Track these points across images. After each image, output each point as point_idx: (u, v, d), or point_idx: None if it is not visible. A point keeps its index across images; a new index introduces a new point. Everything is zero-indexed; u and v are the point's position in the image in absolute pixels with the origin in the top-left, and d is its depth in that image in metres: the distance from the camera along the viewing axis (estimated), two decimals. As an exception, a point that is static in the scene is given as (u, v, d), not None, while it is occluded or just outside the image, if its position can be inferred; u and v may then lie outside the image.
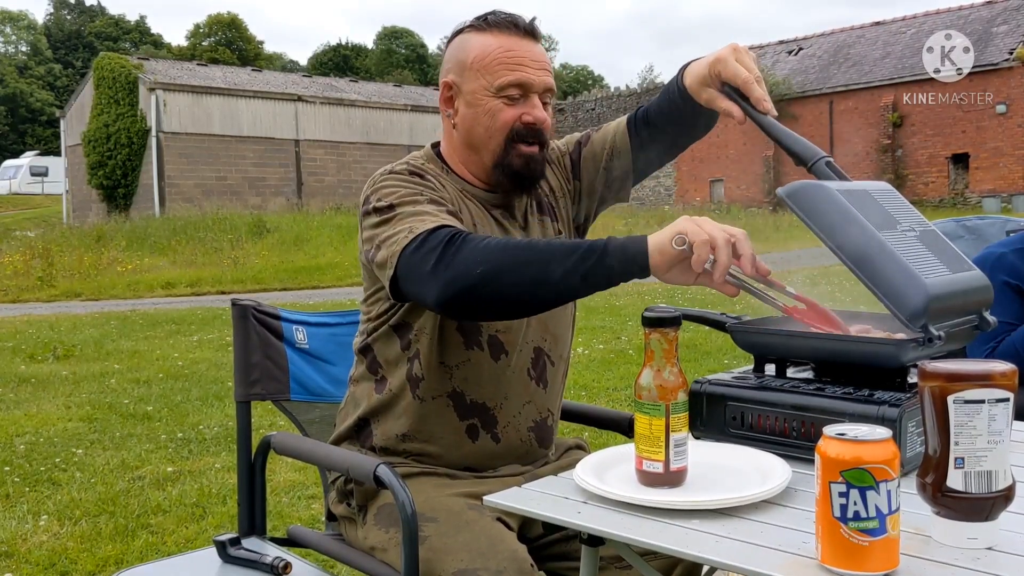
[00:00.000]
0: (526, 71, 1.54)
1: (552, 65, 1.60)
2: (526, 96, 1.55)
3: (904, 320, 1.19)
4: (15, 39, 66.18)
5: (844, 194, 1.29)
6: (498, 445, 1.59)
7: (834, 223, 1.25)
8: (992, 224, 2.95)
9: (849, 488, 0.91)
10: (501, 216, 1.63)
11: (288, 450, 1.69)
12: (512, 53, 1.54)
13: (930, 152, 26.59)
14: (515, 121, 1.54)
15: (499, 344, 1.56)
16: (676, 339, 1.18)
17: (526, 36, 1.57)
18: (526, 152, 1.56)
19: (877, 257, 1.20)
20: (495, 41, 1.55)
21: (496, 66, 1.53)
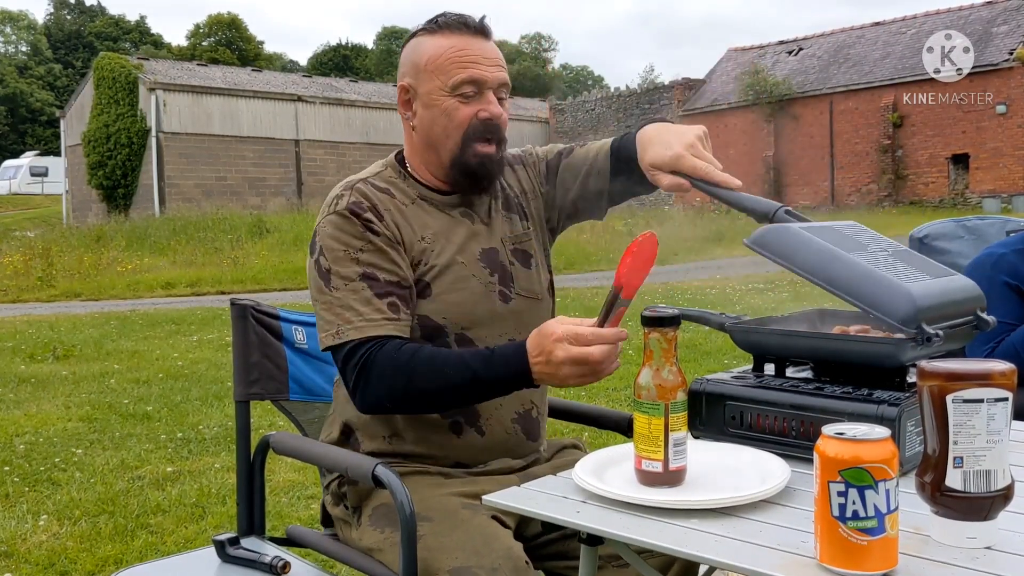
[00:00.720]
0: (479, 68, 1.56)
1: (505, 62, 1.63)
2: (481, 93, 1.57)
3: (898, 326, 1.20)
4: (15, 39, 66.18)
5: (808, 230, 1.33)
6: (484, 438, 1.59)
7: (804, 256, 1.29)
8: (992, 224, 2.95)
9: (848, 487, 0.91)
10: (461, 215, 1.64)
11: (287, 450, 1.69)
12: (464, 52, 1.56)
13: (930, 152, 26.58)
14: (472, 118, 1.57)
15: (468, 340, 1.58)
16: (675, 339, 1.18)
17: (477, 34, 1.59)
18: (482, 152, 1.58)
19: (854, 277, 1.23)
20: (447, 41, 1.57)
21: (449, 65, 1.56)
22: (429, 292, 1.57)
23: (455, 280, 1.58)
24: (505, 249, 1.66)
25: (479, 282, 1.60)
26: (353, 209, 1.55)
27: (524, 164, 1.77)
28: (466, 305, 1.57)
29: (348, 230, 1.54)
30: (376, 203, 1.57)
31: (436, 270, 1.57)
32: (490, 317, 1.60)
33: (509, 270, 1.64)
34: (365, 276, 1.51)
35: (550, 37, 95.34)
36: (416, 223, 1.59)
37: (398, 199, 1.61)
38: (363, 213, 1.54)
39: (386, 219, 1.56)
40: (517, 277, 1.65)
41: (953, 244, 2.96)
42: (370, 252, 1.53)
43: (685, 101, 32.64)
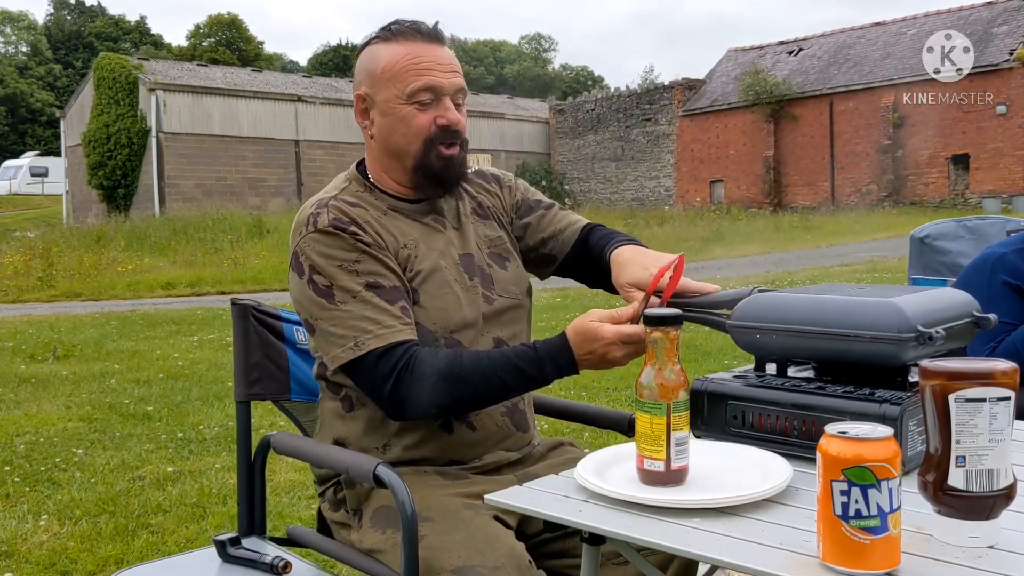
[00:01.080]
0: (435, 75, 1.56)
1: (460, 67, 1.64)
2: (438, 99, 1.58)
3: (896, 338, 1.22)
4: (15, 39, 66.18)
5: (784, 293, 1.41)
6: (476, 433, 1.60)
7: (788, 312, 1.33)
8: (992, 224, 2.95)
9: (850, 486, 0.91)
10: (433, 221, 1.65)
11: (288, 450, 1.68)
12: (419, 59, 1.56)
13: (930, 153, 26.57)
14: (430, 125, 1.57)
15: (456, 343, 1.58)
16: (677, 338, 1.18)
17: (431, 41, 1.59)
18: (445, 154, 1.59)
19: (839, 311, 1.29)
20: (402, 49, 1.57)
21: (405, 73, 1.56)
22: (418, 299, 1.57)
23: (440, 286, 1.59)
24: (481, 253, 1.67)
25: (461, 287, 1.61)
26: (336, 224, 1.54)
27: (501, 186, 1.80)
28: (452, 310, 1.58)
29: (337, 245, 1.53)
30: (355, 217, 1.57)
31: (422, 276, 1.58)
32: (476, 319, 1.60)
33: (488, 272, 1.66)
34: (370, 286, 1.51)
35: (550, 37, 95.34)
36: (396, 232, 1.60)
37: (371, 212, 1.60)
38: (347, 227, 1.54)
39: (368, 230, 1.56)
40: (497, 279, 1.67)
41: (954, 244, 2.96)
42: (367, 262, 1.53)
43: (685, 101, 32.64)
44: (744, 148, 30.64)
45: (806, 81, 29.82)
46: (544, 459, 1.70)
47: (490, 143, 35.33)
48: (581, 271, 1.76)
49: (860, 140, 27.97)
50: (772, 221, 23.75)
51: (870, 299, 1.29)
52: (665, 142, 33.01)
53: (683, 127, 32.43)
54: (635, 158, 33.89)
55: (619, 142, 34.34)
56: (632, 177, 34.02)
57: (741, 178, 30.80)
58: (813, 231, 21.45)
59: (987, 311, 1.42)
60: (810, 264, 14.75)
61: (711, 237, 20.83)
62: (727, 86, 31.96)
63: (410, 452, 1.59)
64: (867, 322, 1.25)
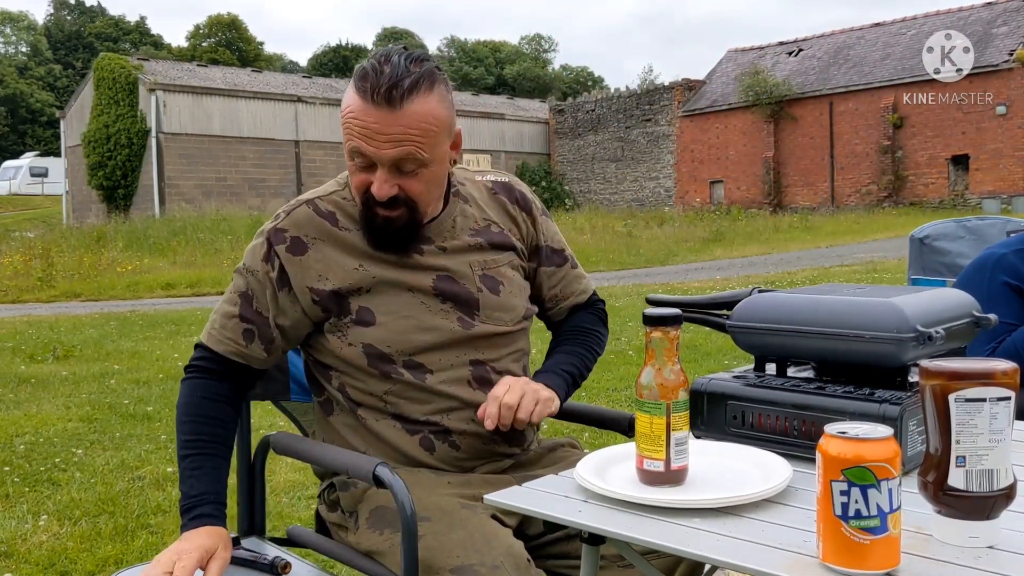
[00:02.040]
0: (366, 142, 1.45)
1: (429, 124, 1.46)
2: (372, 166, 1.48)
3: (895, 338, 1.22)
4: (15, 40, 66.21)
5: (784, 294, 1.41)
6: (460, 451, 1.58)
7: (787, 312, 1.34)
8: (993, 225, 2.95)
9: (850, 486, 0.91)
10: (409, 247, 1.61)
11: (287, 450, 1.68)
12: (358, 121, 1.45)
13: (930, 153, 26.58)
14: (367, 188, 1.50)
15: (418, 366, 1.56)
16: (677, 338, 1.18)
17: (381, 104, 1.43)
18: (383, 215, 1.51)
19: (839, 312, 1.29)
20: (351, 101, 1.47)
21: (345, 129, 1.49)
22: (372, 319, 1.55)
23: (400, 307, 1.55)
24: (472, 274, 1.61)
25: (428, 309, 1.56)
26: (271, 237, 1.58)
27: (528, 214, 1.73)
28: (410, 332, 1.54)
29: (257, 252, 1.59)
30: (305, 234, 1.57)
31: (376, 297, 1.55)
32: (445, 343, 1.56)
33: (474, 297, 1.59)
34: (244, 295, 1.59)
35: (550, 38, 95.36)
36: (355, 250, 1.56)
37: (341, 223, 1.58)
38: (277, 243, 1.57)
39: (309, 252, 1.56)
40: (484, 304, 1.60)
41: (954, 244, 2.96)
42: (259, 280, 1.58)
43: (685, 102, 32.64)
44: (744, 149, 30.64)
45: (806, 82, 29.83)
46: (544, 459, 1.69)
47: (490, 143, 35.34)
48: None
49: (860, 140, 27.97)
50: (772, 222, 23.75)
51: (870, 299, 1.29)
52: (665, 143, 33.02)
53: (683, 127, 32.44)
54: (635, 159, 33.89)
55: (619, 143, 34.35)
56: (632, 178, 34.03)
57: (741, 178, 30.81)
58: (813, 232, 21.46)
59: (987, 311, 1.43)
60: (810, 265, 14.75)
61: (711, 238, 20.83)
62: (727, 87, 31.96)
63: (393, 462, 1.58)
64: (867, 322, 1.25)
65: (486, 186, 1.73)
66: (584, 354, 1.75)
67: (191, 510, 1.50)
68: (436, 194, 1.58)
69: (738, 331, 1.40)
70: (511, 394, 1.50)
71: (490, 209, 1.69)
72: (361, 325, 1.55)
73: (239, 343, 1.58)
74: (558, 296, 1.77)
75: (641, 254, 18.19)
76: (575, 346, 1.76)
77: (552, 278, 1.75)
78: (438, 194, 1.59)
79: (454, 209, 1.64)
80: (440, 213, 1.62)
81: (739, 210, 27.69)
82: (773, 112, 29.57)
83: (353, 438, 1.62)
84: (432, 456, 1.57)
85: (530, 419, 1.51)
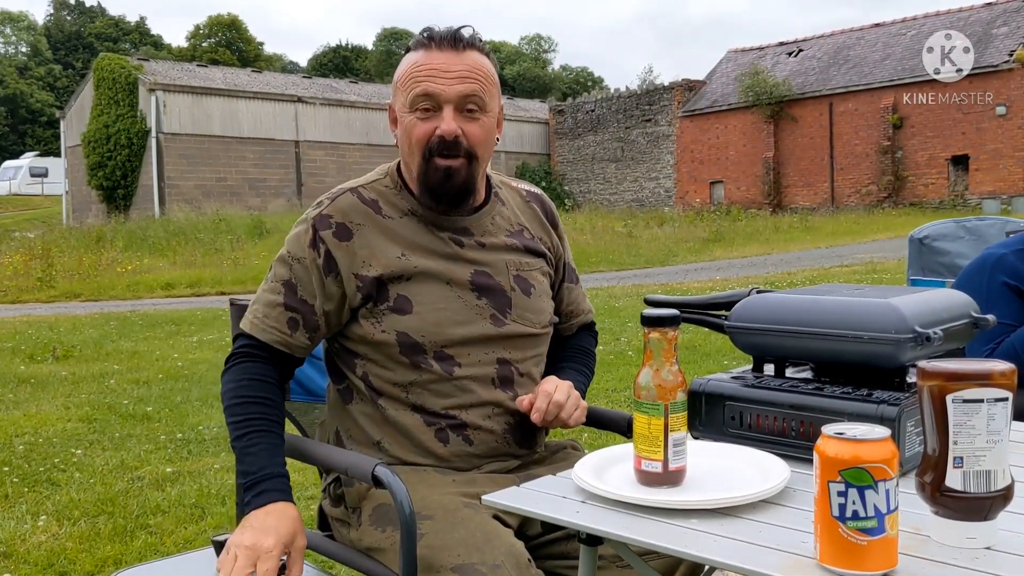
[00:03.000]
0: (433, 82, 1.53)
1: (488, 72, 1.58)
2: (439, 107, 1.54)
3: (893, 339, 1.22)
4: (15, 40, 66.21)
5: (783, 294, 1.42)
6: (472, 446, 1.60)
7: (786, 312, 1.34)
8: (992, 225, 2.95)
9: (848, 487, 0.91)
10: (450, 237, 1.62)
11: (287, 450, 1.68)
12: (424, 66, 1.54)
13: (930, 154, 26.58)
14: (429, 136, 1.55)
15: (449, 358, 1.58)
16: (675, 339, 1.18)
17: (443, 47, 1.55)
18: (443, 164, 1.55)
19: (837, 312, 1.29)
20: (414, 57, 1.57)
21: (408, 81, 1.56)
22: (409, 308, 1.56)
23: (437, 299, 1.57)
24: (507, 273, 1.64)
25: (464, 304, 1.59)
26: (317, 223, 1.59)
27: (556, 227, 1.80)
28: (446, 325, 1.57)
29: (302, 239, 1.60)
30: (351, 220, 1.59)
31: (415, 286, 1.57)
32: (477, 339, 1.59)
33: (508, 295, 1.63)
34: (287, 284, 1.58)
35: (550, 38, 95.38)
36: (398, 238, 1.60)
37: (384, 211, 1.61)
38: (322, 230, 1.58)
39: (354, 239, 1.58)
40: (516, 304, 1.63)
41: (953, 245, 2.96)
42: (305, 267, 1.58)
43: (685, 102, 32.64)
44: (744, 149, 30.63)
45: (806, 82, 29.82)
46: (546, 461, 1.70)
47: (490, 144, 35.29)
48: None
49: (860, 141, 27.97)
50: (772, 222, 23.75)
51: (868, 300, 1.29)
52: (665, 143, 33.01)
53: (683, 128, 32.44)
54: (635, 159, 33.89)
55: (619, 143, 34.34)
56: (632, 178, 34.03)
57: (741, 179, 30.80)
58: (813, 232, 21.46)
59: (986, 312, 1.43)
60: (810, 265, 14.75)
61: (711, 238, 20.83)
62: (727, 87, 31.96)
63: (405, 455, 1.60)
64: (865, 323, 1.25)
65: (520, 193, 1.78)
66: (589, 377, 1.82)
67: (255, 486, 1.44)
68: (488, 153, 1.62)
69: (736, 332, 1.40)
70: (560, 393, 1.57)
71: (524, 215, 1.75)
72: (397, 313, 1.57)
73: (284, 332, 1.58)
74: (572, 313, 1.84)
75: (641, 254, 18.19)
76: (583, 367, 1.82)
77: (571, 294, 1.82)
78: (489, 155, 1.64)
79: (493, 208, 1.69)
80: (481, 208, 1.67)
81: (739, 210, 27.68)
82: (773, 112, 29.57)
83: (369, 427, 1.62)
84: (445, 448, 1.58)
85: (568, 422, 1.57)
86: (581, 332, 1.87)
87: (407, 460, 1.60)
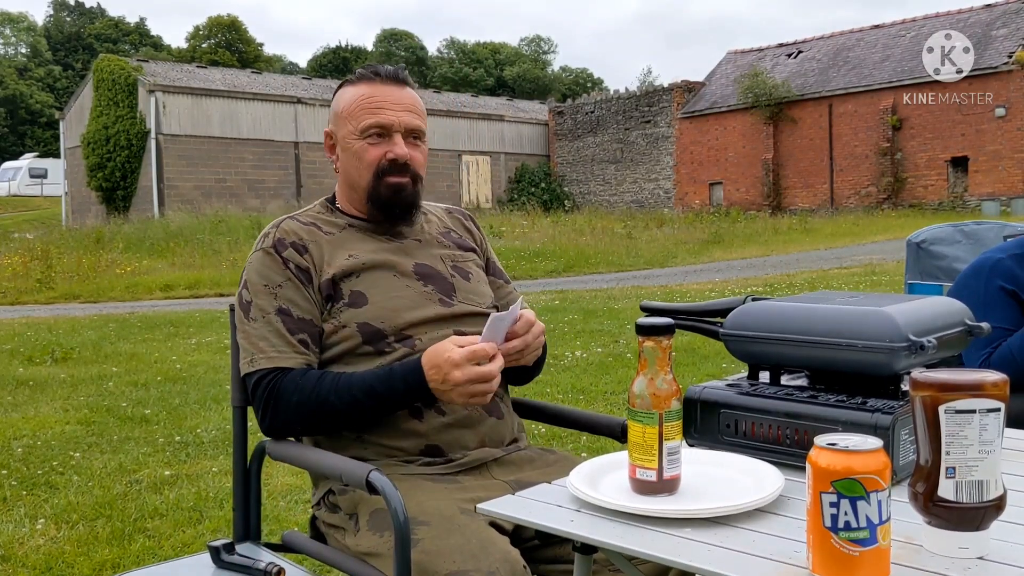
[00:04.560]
0: (384, 114, 1.71)
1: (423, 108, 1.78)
2: (389, 136, 1.72)
3: (887, 347, 1.22)
4: (15, 41, 66.23)
5: (777, 302, 1.42)
6: (446, 416, 1.65)
7: (781, 320, 1.35)
8: (989, 229, 2.95)
9: (840, 498, 0.91)
10: (387, 240, 1.77)
11: (283, 456, 1.69)
12: (373, 99, 1.72)
13: (929, 155, 26.59)
14: (380, 159, 1.72)
15: (409, 338, 1.67)
16: (670, 347, 1.18)
17: (388, 82, 1.74)
18: (393, 181, 1.73)
19: (831, 320, 1.30)
20: (360, 90, 1.74)
21: (359, 112, 1.72)
22: (364, 300, 1.67)
23: (388, 288, 1.69)
24: (445, 265, 1.79)
25: (413, 291, 1.71)
26: (276, 246, 1.70)
27: (478, 228, 1.97)
28: (401, 310, 1.68)
29: (270, 266, 1.69)
30: (300, 237, 1.71)
31: (366, 279, 1.69)
32: (432, 319, 1.70)
33: (450, 281, 1.77)
34: (281, 311, 1.66)
35: (549, 39, 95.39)
36: (345, 244, 1.73)
37: (325, 229, 1.75)
38: (283, 250, 1.69)
39: (310, 250, 1.70)
40: (459, 288, 1.77)
41: (950, 249, 2.97)
42: (288, 288, 1.67)
43: (684, 103, 32.65)
44: (743, 150, 30.64)
45: (805, 83, 29.84)
46: (537, 464, 1.71)
47: (490, 145, 35.34)
48: None
49: (859, 142, 27.98)
50: (771, 223, 23.77)
51: (862, 308, 1.29)
52: (664, 144, 33.02)
53: (682, 129, 32.45)
54: (634, 160, 33.90)
55: (618, 144, 34.36)
56: (631, 179, 34.04)
57: (740, 180, 30.81)
58: (812, 233, 21.47)
59: (983, 316, 1.43)
60: (809, 267, 14.75)
61: (710, 239, 20.84)
62: (726, 88, 31.97)
63: (387, 442, 1.64)
64: (859, 331, 1.25)
65: (443, 209, 1.98)
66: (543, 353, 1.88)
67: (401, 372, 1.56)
68: (424, 175, 1.80)
69: (731, 339, 1.40)
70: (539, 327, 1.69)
71: (450, 222, 1.93)
72: (353, 307, 1.67)
73: (303, 352, 1.65)
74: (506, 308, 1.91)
75: (640, 256, 18.19)
76: None
77: (500, 291, 1.92)
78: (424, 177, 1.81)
79: (420, 217, 1.85)
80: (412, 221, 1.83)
81: (738, 212, 27.70)
82: (772, 114, 29.58)
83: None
84: (423, 424, 1.63)
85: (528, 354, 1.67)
86: None
87: (392, 447, 1.63)
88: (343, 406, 1.57)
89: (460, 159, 34.49)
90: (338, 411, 1.57)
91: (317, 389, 1.58)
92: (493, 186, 35.36)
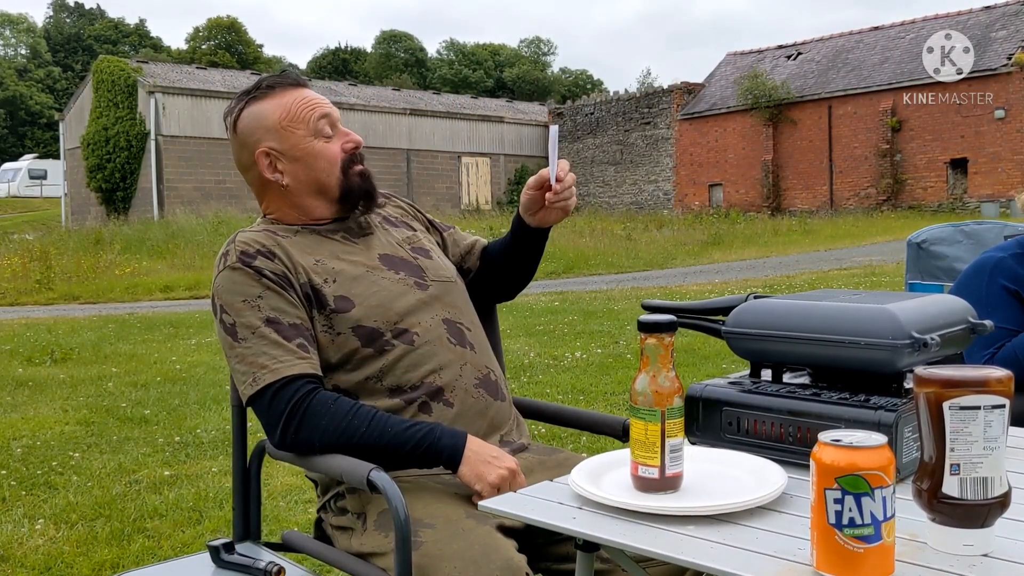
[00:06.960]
0: (324, 107, 1.73)
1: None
2: (335, 128, 1.73)
3: (890, 345, 1.22)
4: (14, 42, 66.24)
5: (779, 299, 1.42)
6: (454, 409, 1.64)
7: (783, 319, 1.35)
8: (990, 229, 2.95)
9: (844, 494, 0.91)
10: (342, 239, 1.74)
11: (283, 456, 1.68)
12: (304, 99, 1.72)
13: (929, 157, 26.61)
14: (339, 152, 1.72)
15: (405, 331, 1.65)
16: (672, 344, 1.18)
17: (300, 86, 1.75)
18: (359, 169, 1.74)
19: (833, 318, 1.29)
20: (283, 99, 1.71)
21: (301, 113, 1.70)
22: (350, 305, 1.64)
23: (368, 285, 1.67)
24: (403, 250, 1.79)
25: (390, 281, 1.70)
26: (242, 259, 1.63)
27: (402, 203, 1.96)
28: (387, 303, 1.66)
29: (242, 281, 1.61)
30: (263, 244, 1.66)
31: (344, 284, 1.65)
32: (417, 305, 1.69)
33: (415, 264, 1.77)
34: (269, 321, 1.59)
35: (549, 41, 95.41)
36: (304, 248, 1.69)
37: (281, 234, 1.70)
38: (252, 261, 1.62)
39: (278, 254, 1.65)
40: (425, 267, 1.77)
41: (951, 249, 2.96)
42: (269, 297, 1.60)
43: (684, 105, 32.66)
44: (743, 152, 30.65)
45: (805, 85, 29.85)
46: (547, 464, 1.70)
47: (489, 146, 35.35)
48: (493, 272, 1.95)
49: (859, 144, 27.99)
50: (771, 225, 23.77)
51: (865, 306, 1.29)
52: (664, 146, 33.03)
53: (682, 131, 32.46)
54: (634, 162, 33.91)
55: (618, 146, 34.37)
56: (631, 181, 34.05)
57: (740, 182, 30.81)
58: (811, 235, 21.47)
59: (985, 316, 1.42)
60: (808, 268, 14.75)
61: (710, 241, 20.84)
62: (726, 90, 31.99)
63: None
64: (862, 329, 1.25)
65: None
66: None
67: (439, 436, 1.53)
68: None
69: (734, 337, 1.40)
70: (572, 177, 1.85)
71: (386, 209, 1.91)
72: (342, 312, 1.63)
73: (306, 357, 1.58)
74: (463, 252, 1.96)
75: (640, 257, 18.19)
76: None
77: (452, 238, 1.96)
78: None
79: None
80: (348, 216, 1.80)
81: (738, 213, 27.70)
82: (772, 115, 29.59)
83: None
84: (431, 417, 1.62)
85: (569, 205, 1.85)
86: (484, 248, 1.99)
87: None
88: (371, 443, 1.52)
89: (459, 161, 34.50)
90: (365, 447, 1.52)
91: (351, 420, 1.53)
92: (493, 188, 35.37)
